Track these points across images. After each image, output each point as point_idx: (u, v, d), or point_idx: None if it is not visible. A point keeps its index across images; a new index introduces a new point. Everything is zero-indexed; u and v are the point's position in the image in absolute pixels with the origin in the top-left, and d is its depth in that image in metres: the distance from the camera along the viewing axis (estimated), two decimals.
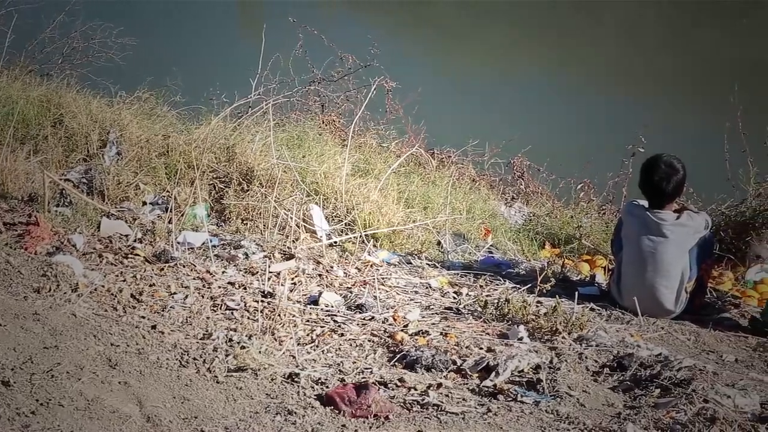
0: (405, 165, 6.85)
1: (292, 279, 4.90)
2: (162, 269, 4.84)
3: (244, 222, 5.59)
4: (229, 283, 4.79)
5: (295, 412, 3.45)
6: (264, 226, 5.49)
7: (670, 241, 4.77)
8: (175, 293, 4.59)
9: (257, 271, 4.93)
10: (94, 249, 5.02)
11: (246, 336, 4.08)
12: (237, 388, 3.65)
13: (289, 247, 5.25)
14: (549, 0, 14.46)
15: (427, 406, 3.56)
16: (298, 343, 4.15)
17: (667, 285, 4.78)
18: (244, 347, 3.91)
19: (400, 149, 7.25)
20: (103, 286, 4.50)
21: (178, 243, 5.14)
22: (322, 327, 4.37)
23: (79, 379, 3.37)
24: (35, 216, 5.15)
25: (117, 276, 4.70)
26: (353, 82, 7.85)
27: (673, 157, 4.86)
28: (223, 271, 4.93)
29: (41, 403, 3.15)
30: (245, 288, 4.74)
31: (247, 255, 5.14)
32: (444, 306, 4.78)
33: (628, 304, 4.79)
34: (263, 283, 4.78)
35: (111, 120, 6.22)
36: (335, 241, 5.52)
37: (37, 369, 3.36)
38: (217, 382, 3.67)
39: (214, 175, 5.88)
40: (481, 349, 4.15)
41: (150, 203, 5.70)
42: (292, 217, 5.45)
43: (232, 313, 4.44)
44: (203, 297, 4.59)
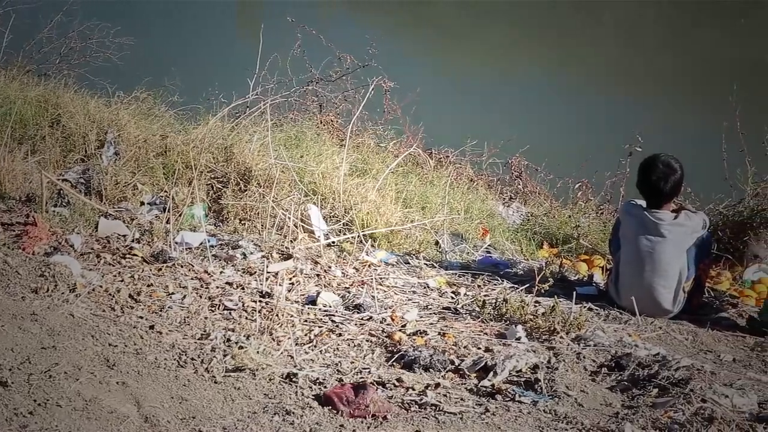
0: (403, 165, 6.85)
1: (290, 279, 4.90)
2: (160, 269, 4.84)
3: (242, 222, 5.59)
4: (227, 283, 4.79)
5: (293, 412, 3.45)
6: (262, 226, 5.49)
7: (668, 240, 4.77)
8: (173, 293, 4.58)
9: (255, 271, 4.93)
10: (92, 249, 5.02)
11: (244, 336, 4.08)
12: (235, 388, 3.64)
13: (287, 247, 5.25)
14: (549, 0, 14.46)
15: (425, 406, 3.56)
16: (296, 343, 4.15)
17: (665, 285, 4.78)
18: (242, 347, 3.91)
19: (398, 149, 7.25)
20: (101, 287, 4.49)
21: (176, 243, 5.13)
22: (320, 327, 4.36)
23: (77, 379, 3.37)
24: (33, 216, 5.14)
25: (115, 276, 4.69)
26: (351, 82, 7.85)
27: (670, 157, 4.86)
28: (221, 272, 4.93)
29: (39, 404, 3.14)
30: (243, 288, 4.74)
31: (245, 255, 5.13)
32: (442, 306, 4.78)
33: (626, 304, 4.80)
34: (261, 283, 4.78)
35: (109, 120, 6.22)
36: (333, 241, 5.52)
37: (34, 369, 3.35)
38: (215, 383, 3.67)
39: (212, 175, 5.88)
40: (479, 349, 4.16)
41: (148, 203, 5.69)
42: (290, 217, 5.45)
43: (230, 313, 4.44)
44: (201, 297, 4.59)
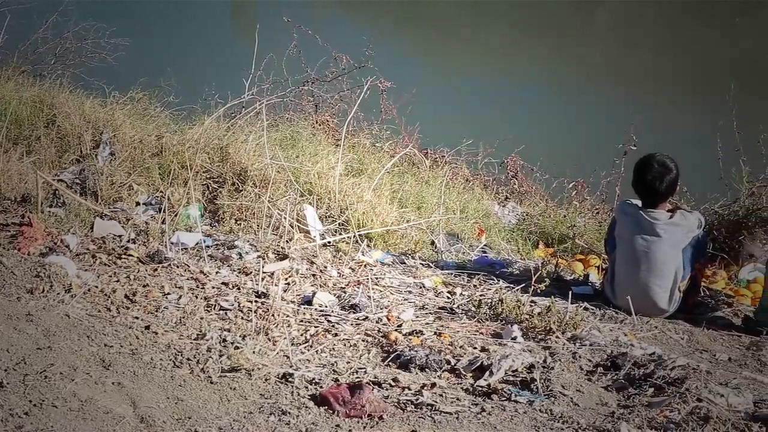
0: (399, 165, 6.85)
1: (286, 279, 4.90)
2: (155, 270, 4.83)
3: (238, 222, 5.59)
4: (222, 283, 4.78)
5: (289, 413, 3.45)
6: (257, 226, 5.49)
7: (664, 240, 4.78)
8: (168, 294, 4.58)
9: (251, 272, 4.92)
10: (88, 249, 5.01)
11: (240, 336, 4.08)
12: (231, 388, 3.64)
13: (282, 247, 5.25)
14: (549, 0, 14.48)
15: (421, 405, 3.56)
16: (292, 343, 4.15)
17: (661, 284, 4.78)
18: (237, 347, 3.91)
19: (394, 149, 7.25)
20: (96, 287, 4.49)
21: (172, 243, 5.13)
22: (315, 327, 4.36)
23: (73, 379, 3.37)
24: (28, 217, 5.13)
25: (110, 276, 4.69)
26: (347, 82, 7.85)
27: (666, 157, 4.86)
28: (216, 272, 4.92)
29: (35, 404, 3.14)
30: (239, 288, 4.73)
31: (240, 255, 5.13)
32: (438, 306, 4.77)
33: (621, 304, 4.80)
34: (257, 284, 4.78)
35: (104, 120, 6.22)
36: (329, 241, 5.51)
37: (30, 370, 3.35)
38: (211, 383, 3.66)
39: (208, 176, 5.88)
40: (475, 348, 4.16)
41: (143, 203, 5.69)
42: (285, 217, 5.45)
43: (225, 313, 4.43)
44: (197, 297, 4.58)
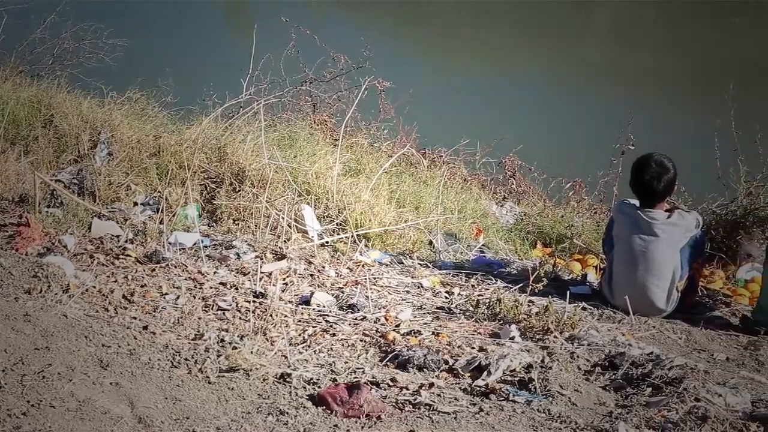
0: (397, 165, 6.85)
1: (284, 279, 4.90)
2: (153, 270, 4.83)
3: (236, 222, 5.59)
4: (220, 283, 4.78)
5: (287, 413, 3.45)
6: (255, 226, 5.49)
7: (662, 240, 4.78)
8: (166, 294, 4.57)
9: (249, 272, 4.92)
10: (85, 250, 5.01)
11: (238, 336, 4.08)
12: (229, 388, 3.64)
13: (280, 248, 5.24)
14: (549, 0, 14.48)
15: (419, 405, 3.56)
16: (290, 344, 4.14)
17: (659, 284, 4.78)
18: (235, 347, 3.91)
19: (392, 149, 7.25)
20: (94, 287, 4.48)
21: (170, 243, 5.13)
22: (313, 327, 4.36)
23: (71, 380, 3.37)
24: (26, 217, 5.13)
25: (108, 277, 4.68)
26: (345, 82, 7.85)
27: (663, 156, 4.86)
28: (214, 272, 4.92)
29: (32, 405, 3.14)
30: (237, 288, 4.73)
31: (238, 255, 5.13)
32: (436, 306, 4.77)
33: (619, 303, 4.80)
34: (255, 284, 4.77)
35: (102, 121, 6.21)
36: (327, 241, 5.51)
37: (28, 370, 3.35)
38: (209, 383, 3.66)
39: (206, 176, 5.88)
40: (472, 348, 4.15)
41: (141, 204, 5.69)
42: (283, 217, 5.45)
43: (223, 313, 4.43)
44: (195, 297, 4.58)
